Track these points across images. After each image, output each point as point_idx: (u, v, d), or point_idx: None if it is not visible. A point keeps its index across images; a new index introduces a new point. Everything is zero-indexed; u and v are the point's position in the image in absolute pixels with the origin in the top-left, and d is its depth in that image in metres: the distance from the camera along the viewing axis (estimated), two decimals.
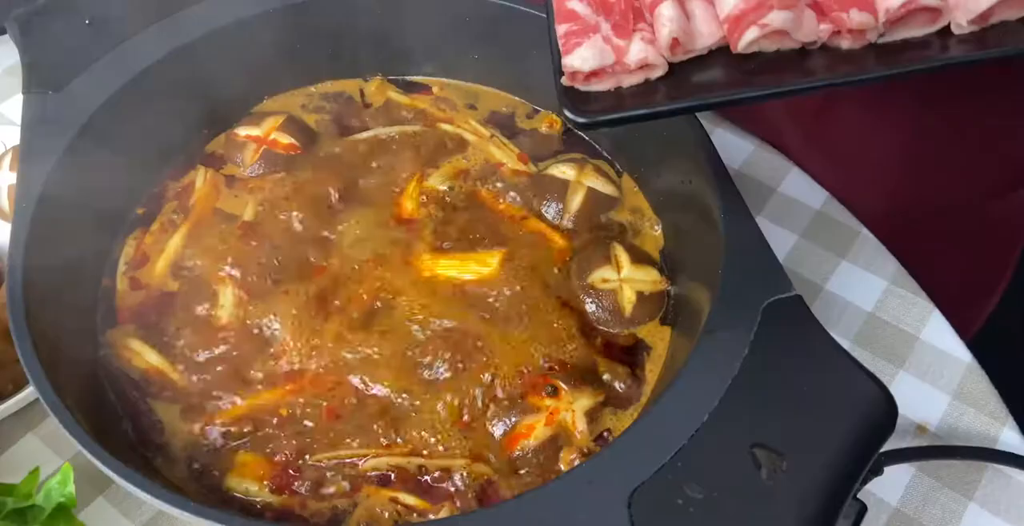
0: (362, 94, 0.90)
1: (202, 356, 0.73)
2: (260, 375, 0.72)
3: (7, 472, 0.75)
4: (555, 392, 0.70)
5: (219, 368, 0.73)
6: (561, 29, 0.59)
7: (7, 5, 0.81)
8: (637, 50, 0.57)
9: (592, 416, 0.70)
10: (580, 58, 0.57)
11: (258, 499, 0.67)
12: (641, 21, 0.59)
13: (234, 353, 0.73)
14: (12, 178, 0.83)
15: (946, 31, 0.56)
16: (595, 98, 0.58)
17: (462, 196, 0.83)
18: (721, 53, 0.58)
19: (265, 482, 0.68)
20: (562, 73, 0.58)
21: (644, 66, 0.57)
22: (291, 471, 0.68)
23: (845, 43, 0.56)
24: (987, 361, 0.84)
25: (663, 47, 0.57)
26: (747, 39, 0.56)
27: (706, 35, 0.57)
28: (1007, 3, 0.54)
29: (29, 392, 0.74)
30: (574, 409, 0.70)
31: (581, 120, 0.56)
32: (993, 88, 0.89)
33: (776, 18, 0.55)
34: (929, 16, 0.56)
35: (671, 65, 0.58)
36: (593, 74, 0.57)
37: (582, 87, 0.58)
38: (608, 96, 0.58)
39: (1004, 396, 0.82)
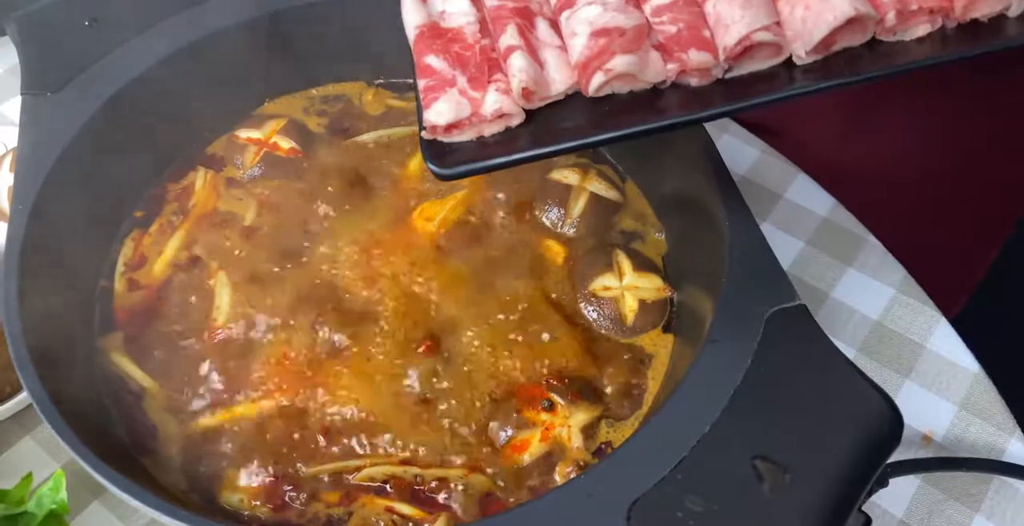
0: (361, 102, 0.90)
1: (196, 360, 0.72)
2: (253, 381, 0.71)
3: (4, 476, 0.74)
4: (551, 407, 0.69)
5: (214, 373, 0.72)
6: (421, 84, 0.60)
7: (7, 6, 0.81)
8: (492, 101, 0.58)
9: (588, 433, 0.69)
10: (436, 113, 0.58)
11: (252, 507, 0.67)
12: (498, 72, 0.60)
13: (228, 357, 0.72)
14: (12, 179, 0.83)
15: (792, 62, 0.57)
16: (458, 148, 0.59)
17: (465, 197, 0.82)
18: (579, 97, 0.59)
19: (258, 491, 0.67)
20: (424, 127, 0.59)
21: (501, 116, 0.58)
22: (285, 480, 0.67)
23: (693, 81, 0.58)
24: (996, 371, 0.83)
25: (516, 96, 0.58)
26: (595, 84, 0.57)
27: (559, 82, 0.59)
28: (843, 31, 0.55)
29: (27, 395, 0.74)
30: (570, 425, 0.69)
31: (443, 173, 0.57)
32: (991, 95, 0.92)
33: (619, 63, 0.56)
34: (771, 50, 0.57)
35: (531, 111, 0.59)
36: (453, 126, 0.58)
37: (445, 139, 0.59)
38: (471, 146, 0.59)
39: (1012, 407, 0.80)
